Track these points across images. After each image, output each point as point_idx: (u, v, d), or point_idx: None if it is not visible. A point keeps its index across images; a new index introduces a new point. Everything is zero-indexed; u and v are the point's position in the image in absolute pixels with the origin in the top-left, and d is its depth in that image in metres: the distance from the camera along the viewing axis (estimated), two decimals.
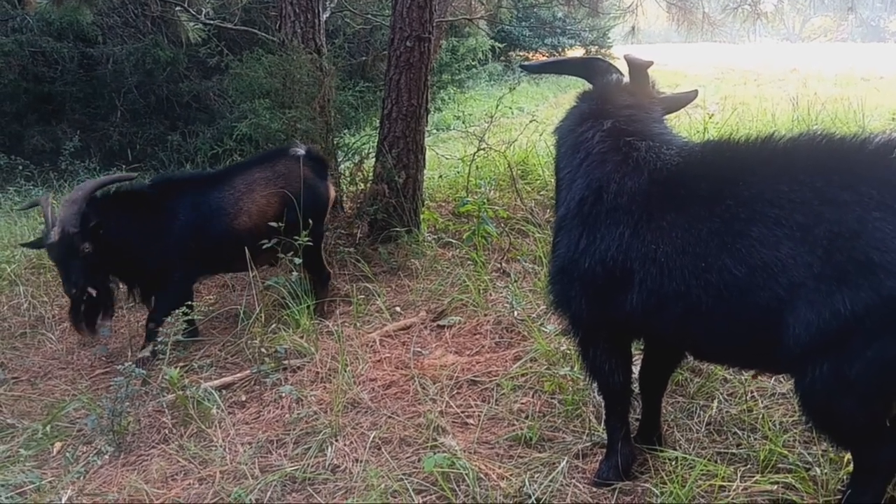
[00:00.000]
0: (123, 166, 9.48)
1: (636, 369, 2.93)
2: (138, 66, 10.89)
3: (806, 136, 2.24)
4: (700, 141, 2.82)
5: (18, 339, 4.78)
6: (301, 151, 4.92)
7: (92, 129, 11.04)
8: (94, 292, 4.17)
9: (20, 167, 9.44)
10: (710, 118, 8.03)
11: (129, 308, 5.03)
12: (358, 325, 4.47)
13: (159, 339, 3.88)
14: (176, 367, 3.71)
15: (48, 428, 3.50)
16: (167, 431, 3.43)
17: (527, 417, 3.25)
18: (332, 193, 5.14)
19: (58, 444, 3.43)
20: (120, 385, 3.39)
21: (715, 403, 3.18)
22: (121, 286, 4.62)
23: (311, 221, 4.57)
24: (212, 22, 8.61)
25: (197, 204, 4.55)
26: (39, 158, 10.18)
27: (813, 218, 2.04)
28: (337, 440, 3.16)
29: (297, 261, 4.52)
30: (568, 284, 2.59)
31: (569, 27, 22.36)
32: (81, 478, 3.06)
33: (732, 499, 2.56)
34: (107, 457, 3.25)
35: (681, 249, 2.25)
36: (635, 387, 2.92)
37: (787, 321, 2.05)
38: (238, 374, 3.95)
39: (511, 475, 2.81)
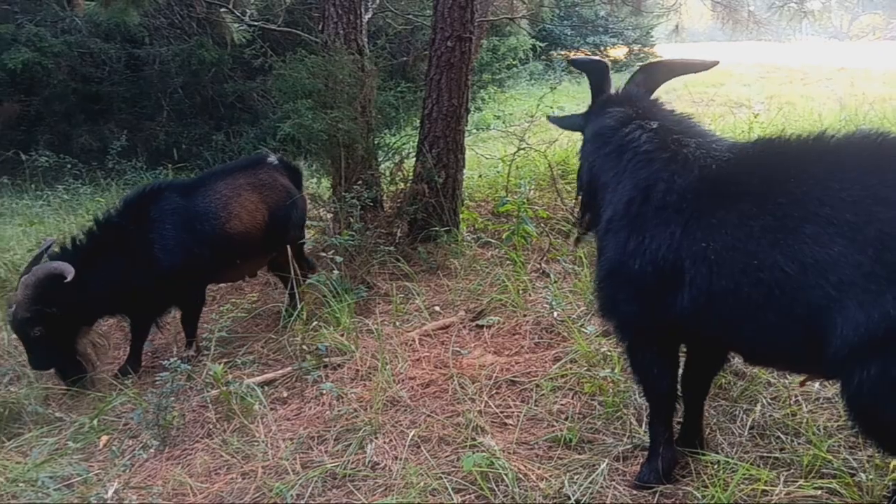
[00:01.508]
0: (169, 165, 9.65)
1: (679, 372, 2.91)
2: (184, 66, 11.10)
3: (859, 134, 2.21)
4: (750, 139, 2.78)
5: None
6: (275, 160, 4.98)
7: (138, 129, 11.27)
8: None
9: (69, 166, 9.66)
10: (755, 118, 7.93)
11: None
12: (397, 323, 4.50)
13: (203, 336, 3.96)
14: (220, 364, 3.77)
15: (95, 422, 3.58)
16: (211, 426, 3.50)
17: (566, 419, 3.24)
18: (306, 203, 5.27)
19: (104, 438, 3.51)
20: (165, 380, 3.46)
21: (758, 407, 3.14)
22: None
23: (296, 231, 4.78)
24: (256, 23, 8.73)
25: (180, 210, 4.42)
26: (87, 157, 10.42)
27: (864, 217, 2.01)
28: (376, 438, 3.19)
29: (339, 259, 4.58)
30: (617, 287, 2.57)
31: (611, 26, 22.21)
32: (127, 471, 3.12)
33: None
34: (152, 450, 3.33)
35: (731, 246, 2.23)
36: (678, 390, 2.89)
37: (835, 321, 2.02)
38: (280, 371, 4.01)
39: (550, 476, 2.81)
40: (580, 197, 3.12)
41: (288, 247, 4.73)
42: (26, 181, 9.31)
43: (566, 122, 3.33)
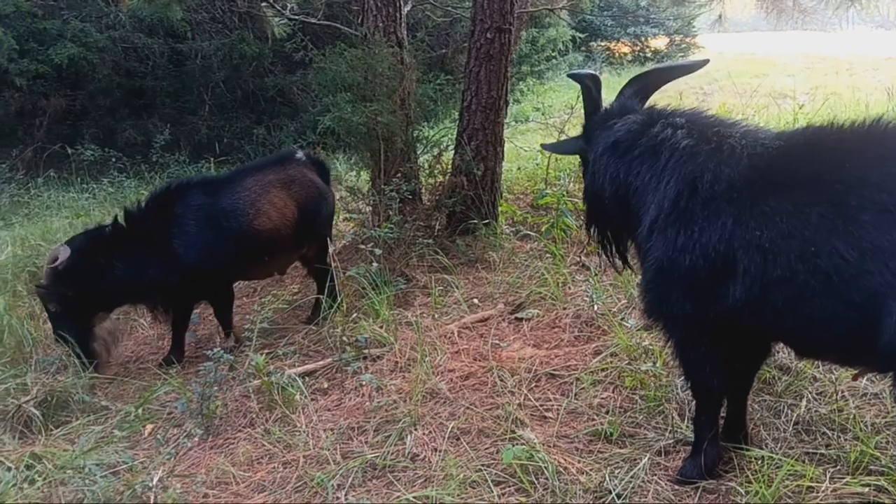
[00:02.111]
0: (211, 158, 9.77)
1: None
2: (225, 61, 11.22)
3: None
4: (802, 126, 2.73)
5: None
6: (303, 156, 4.98)
7: (181, 123, 11.43)
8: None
9: (113, 159, 9.84)
10: (799, 108, 7.78)
11: None
12: (436, 316, 4.50)
13: (245, 327, 4.01)
14: (262, 354, 3.82)
15: (140, 410, 3.65)
16: (253, 416, 3.54)
17: (607, 413, 3.21)
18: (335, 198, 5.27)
19: (149, 427, 3.57)
20: (209, 370, 3.51)
21: (803, 402, 3.08)
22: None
23: (326, 226, 4.78)
24: (296, 17, 8.78)
25: (205, 207, 4.43)
26: (131, 151, 10.60)
27: None
28: (416, 429, 3.20)
29: (378, 251, 4.60)
30: (667, 285, 2.52)
31: (652, 16, 21.87)
32: (171, 459, 3.18)
33: (821, 500, 2.48)
34: (196, 439, 3.38)
35: (786, 234, 2.20)
36: None
37: (891, 309, 1.98)
38: (320, 362, 4.05)
39: (591, 470, 2.79)
40: (594, 227, 3.10)
41: (327, 240, 4.77)
42: (72, 174, 9.51)
43: (564, 147, 3.30)
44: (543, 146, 3.47)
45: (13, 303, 4.92)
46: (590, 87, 2.98)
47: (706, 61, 3.13)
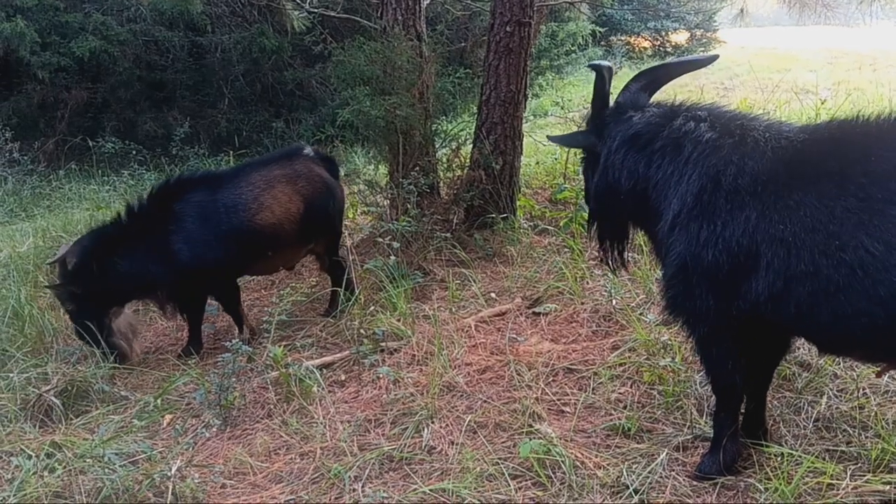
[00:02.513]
0: (231, 151, 9.82)
1: None
2: (245, 54, 11.27)
3: None
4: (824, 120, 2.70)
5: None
6: (311, 152, 4.92)
7: (201, 116, 11.50)
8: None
9: (134, 152, 9.92)
10: (822, 104, 7.69)
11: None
12: (453, 310, 4.50)
13: (263, 319, 4.02)
14: (279, 346, 3.83)
15: (159, 401, 3.67)
16: (271, 407, 3.56)
17: (625, 407, 3.20)
18: (344, 194, 5.21)
19: (168, 417, 3.60)
20: (227, 361, 3.53)
21: (824, 399, 3.05)
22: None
23: (335, 222, 4.75)
24: (315, 10, 8.80)
25: (204, 204, 4.40)
26: (152, 144, 10.69)
27: None
28: (433, 422, 3.20)
29: (396, 245, 4.60)
30: (689, 281, 2.50)
31: (673, 10, 21.72)
32: (190, 449, 3.18)
33: (841, 498, 2.45)
34: (214, 430, 3.40)
35: (811, 228, 2.19)
36: None
37: None
38: (338, 355, 4.05)
39: (608, 465, 2.78)
40: (600, 224, 3.06)
41: (338, 234, 4.79)
42: (93, 167, 9.60)
43: (573, 140, 3.24)
44: (550, 138, 3.43)
45: (34, 293, 4.97)
46: (605, 80, 2.94)
47: (715, 56, 3.10)
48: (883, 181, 2.09)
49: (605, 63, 3.02)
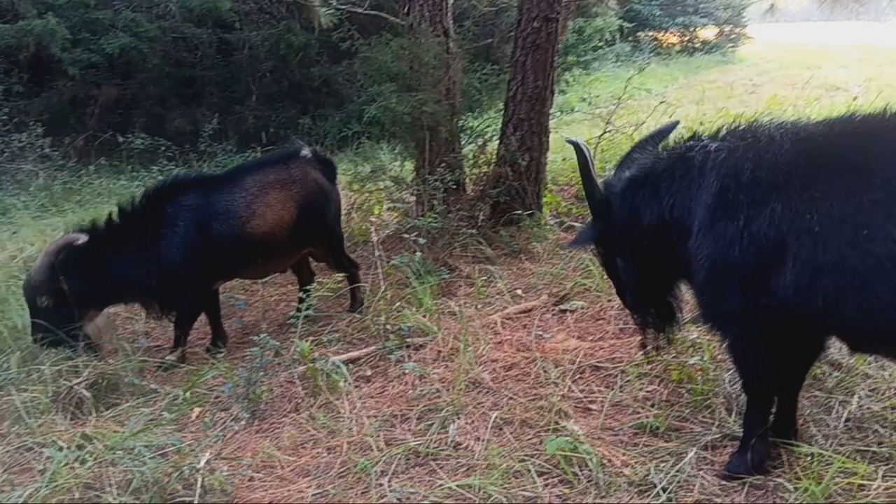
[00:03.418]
0: (258, 148, 9.89)
1: None
2: (272, 51, 11.34)
3: None
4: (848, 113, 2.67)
5: None
6: (308, 153, 4.80)
7: (229, 113, 11.58)
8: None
9: (163, 148, 10.02)
10: (853, 100, 7.59)
11: (263, 283, 5.27)
12: (479, 306, 4.49)
13: (290, 314, 4.04)
14: (307, 341, 3.85)
15: (188, 394, 3.71)
16: (298, 401, 3.58)
17: (652, 406, 3.18)
18: (340, 197, 5.12)
19: (196, 410, 3.63)
20: (255, 355, 3.55)
21: (855, 399, 3.01)
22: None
23: (331, 226, 4.70)
24: (343, 7, 8.81)
25: (198, 209, 4.29)
26: (181, 140, 10.77)
27: None
28: (459, 418, 3.20)
29: (422, 241, 4.60)
30: (720, 282, 2.50)
31: (702, 5, 21.52)
32: (218, 442, 3.22)
33: (872, 499, 2.43)
34: (242, 423, 3.43)
35: (838, 219, 2.19)
36: None
37: None
38: (364, 350, 4.07)
39: (635, 463, 2.76)
40: (635, 292, 3.03)
41: (338, 235, 4.79)
42: (123, 162, 9.71)
43: (585, 236, 3.20)
44: (563, 246, 3.41)
45: None
46: (587, 158, 2.96)
47: (676, 123, 3.13)
48: None
49: (580, 141, 3.04)
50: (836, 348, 3.26)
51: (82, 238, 4.05)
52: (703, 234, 2.52)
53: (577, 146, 2.98)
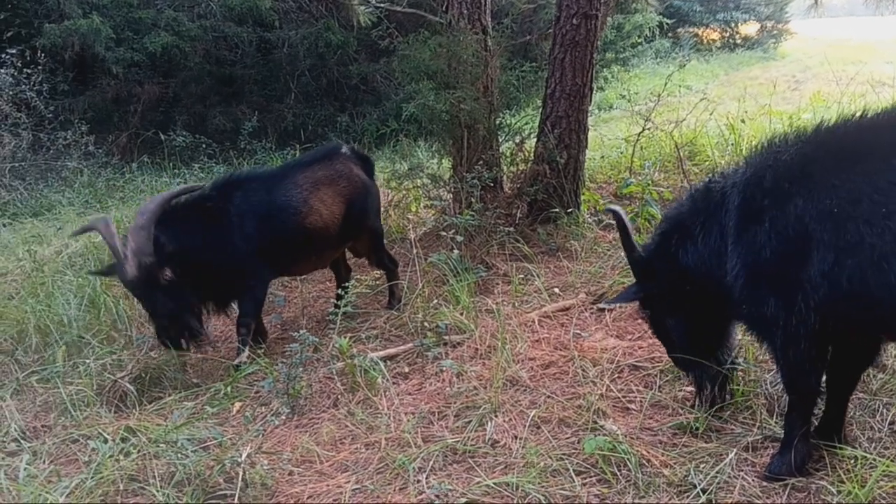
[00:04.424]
0: (297, 145, 9.98)
1: None
2: (311, 49, 11.42)
3: None
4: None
5: None
6: (347, 150, 4.85)
7: (268, 111, 11.70)
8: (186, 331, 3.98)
9: (203, 145, 10.17)
10: None
11: (302, 280, 5.32)
12: (516, 304, 4.49)
13: (329, 311, 4.06)
14: (345, 337, 3.88)
15: (229, 388, 3.75)
16: (337, 397, 3.61)
17: (692, 406, 3.14)
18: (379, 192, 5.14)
19: (237, 404, 3.68)
20: (294, 351, 3.59)
21: None
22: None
23: (373, 221, 4.74)
24: (381, 5, 8.86)
25: (261, 203, 4.29)
26: (221, 137, 10.92)
27: None
28: (496, 416, 3.20)
29: (459, 239, 4.60)
30: (758, 287, 2.52)
31: (743, 1, 21.21)
32: (259, 436, 3.25)
33: None
34: (282, 417, 3.47)
35: (856, 199, 2.27)
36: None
37: None
38: (402, 347, 4.09)
39: (675, 463, 2.74)
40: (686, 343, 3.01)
41: (378, 230, 4.81)
42: (164, 160, 9.85)
43: (629, 293, 3.18)
44: (605, 304, 3.67)
45: (108, 282, 5.12)
46: (626, 225, 2.99)
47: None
48: None
49: (617, 208, 3.11)
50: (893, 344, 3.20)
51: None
52: (736, 246, 2.58)
53: (615, 214, 3.05)
